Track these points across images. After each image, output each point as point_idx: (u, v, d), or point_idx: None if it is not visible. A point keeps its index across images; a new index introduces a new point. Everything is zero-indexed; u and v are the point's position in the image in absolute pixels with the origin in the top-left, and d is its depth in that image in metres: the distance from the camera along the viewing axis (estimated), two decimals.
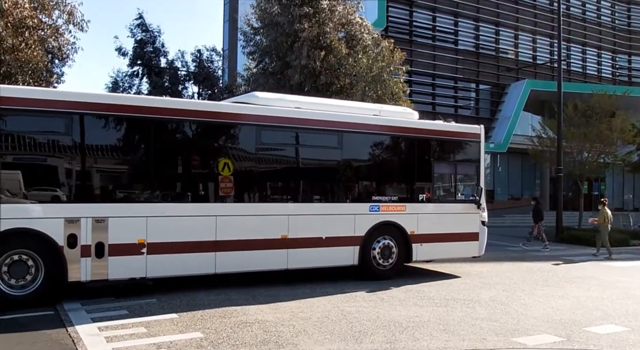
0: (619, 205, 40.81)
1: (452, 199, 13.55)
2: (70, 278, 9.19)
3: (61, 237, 9.07)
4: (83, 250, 9.23)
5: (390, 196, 12.54)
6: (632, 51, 44.92)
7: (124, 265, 9.57)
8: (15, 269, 8.90)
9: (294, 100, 12.27)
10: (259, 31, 22.27)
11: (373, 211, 12.19)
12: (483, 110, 37.76)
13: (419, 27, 35.61)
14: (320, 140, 11.90)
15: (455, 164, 13.63)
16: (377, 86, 20.79)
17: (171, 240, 9.96)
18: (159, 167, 10.25)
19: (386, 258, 12.32)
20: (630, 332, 8.11)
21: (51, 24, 15.11)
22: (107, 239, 9.40)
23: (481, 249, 13.65)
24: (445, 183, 13.66)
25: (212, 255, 10.34)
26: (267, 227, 10.96)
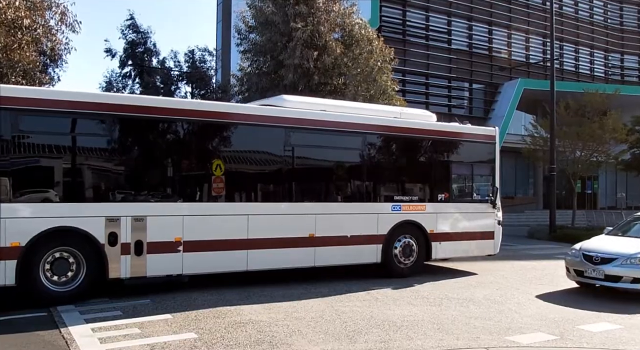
0: (612, 204, 41.01)
1: (469, 198, 13.94)
2: (111, 275, 9.51)
3: (102, 235, 9.40)
4: (123, 248, 9.57)
5: (411, 196, 12.96)
6: (624, 50, 45.11)
7: (161, 263, 9.92)
8: (58, 266, 9.17)
9: (319, 103, 12.68)
10: (253, 29, 22.23)
11: (395, 211, 12.53)
12: (476, 110, 37.86)
13: (413, 26, 35.64)
14: (345, 142, 12.29)
15: (472, 164, 14.01)
16: (369, 85, 20.79)
17: (206, 238, 10.32)
18: (194, 168, 10.71)
19: (407, 256, 12.70)
20: (623, 330, 8.15)
21: (44, 24, 15.03)
22: (145, 237, 9.75)
23: (496, 248, 14.11)
24: (462, 183, 14.07)
25: (245, 253, 10.70)
26: (295, 226, 11.32)
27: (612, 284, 10.68)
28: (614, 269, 10.57)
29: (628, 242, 11.42)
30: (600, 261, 10.83)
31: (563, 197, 34.61)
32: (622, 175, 39.48)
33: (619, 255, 10.72)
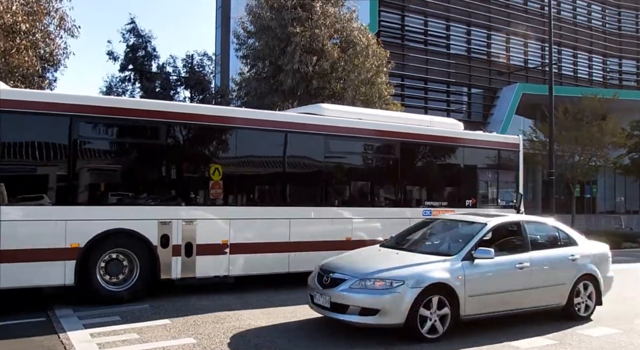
0: (611, 208, 41.04)
1: (494, 204, 14.32)
2: (163, 276, 9.91)
3: (155, 237, 9.79)
4: (174, 250, 9.96)
5: (441, 201, 13.36)
6: (622, 55, 45.23)
7: (209, 264, 10.34)
8: (112, 267, 9.54)
9: (355, 112, 13.24)
10: (252, 35, 22.27)
11: (425, 215, 12.67)
12: (475, 114, 37.94)
13: (411, 31, 35.74)
14: (380, 149, 12.87)
15: (497, 171, 14.50)
16: (367, 89, 20.80)
17: (251, 241, 10.76)
18: (240, 174, 11.13)
19: None
20: (622, 334, 8.14)
21: (42, 29, 15.04)
22: (195, 240, 10.15)
23: None
24: (488, 189, 14.50)
25: (287, 256, 11.11)
26: (333, 230, 11.70)
27: (338, 315, 7.44)
28: (341, 294, 7.41)
29: (393, 257, 8.21)
30: (329, 282, 7.70)
31: (562, 202, 34.63)
32: (621, 179, 39.54)
33: (352, 274, 7.58)
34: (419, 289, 7.24)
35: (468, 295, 7.60)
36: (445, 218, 9.85)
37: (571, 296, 8.81)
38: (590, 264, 9.12)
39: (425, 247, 8.85)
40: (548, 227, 9.43)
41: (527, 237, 8.74)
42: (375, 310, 7.20)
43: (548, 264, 8.65)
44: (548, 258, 8.73)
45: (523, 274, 8.24)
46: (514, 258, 8.34)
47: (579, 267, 8.94)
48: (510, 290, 8.12)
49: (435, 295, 7.39)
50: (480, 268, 7.86)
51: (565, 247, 9.10)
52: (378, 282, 7.31)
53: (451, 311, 7.50)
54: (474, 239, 8.13)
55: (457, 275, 7.59)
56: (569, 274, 8.82)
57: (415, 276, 7.38)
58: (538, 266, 8.44)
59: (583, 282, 8.98)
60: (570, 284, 8.77)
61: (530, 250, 8.56)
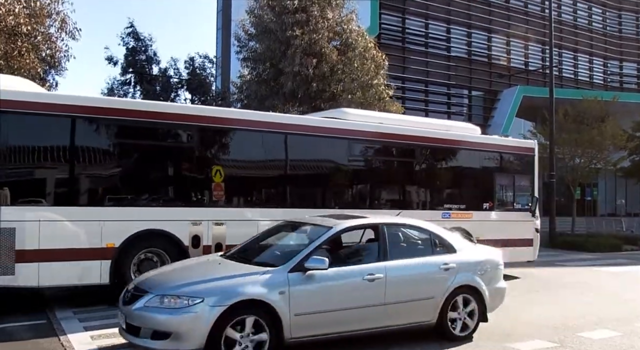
0: (612, 211, 41.02)
1: (510, 207, 14.61)
2: None
3: (187, 237, 10.07)
4: (204, 250, 10.16)
5: (459, 204, 13.60)
6: (623, 57, 45.25)
7: None
8: (145, 267, 9.65)
9: (375, 116, 13.69)
10: (253, 37, 22.30)
11: (445, 218, 13.10)
12: (476, 117, 37.93)
13: (412, 34, 35.77)
14: (401, 153, 13.18)
15: (513, 175, 14.77)
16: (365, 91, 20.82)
17: None
18: (267, 177, 11.53)
19: None
20: (622, 337, 8.14)
21: (43, 32, 15.06)
22: (224, 240, 10.37)
23: (535, 254, 14.75)
24: (504, 193, 14.79)
25: None
26: None
27: (132, 338, 6.27)
28: (134, 313, 6.24)
29: (214, 268, 7.08)
30: (129, 299, 6.52)
31: (562, 204, 34.62)
32: (621, 182, 39.53)
33: (153, 289, 6.38)
34: (223, 307, 6.00)
35: (294, 314, 6.36)
36: (296, 221, 8.55)
37: (444, 312, 7.47)
38: (471, 274, 7.74)
39: (261, 256, 7.45)
40: (418, 232, 8.11)
41: (385, 244, 7.38)
42: (167, 333, 5.99)
43: (410, 274, 7.32)
44: (410, 268, 7.38)
45: (374, 287, 6.94)
46: (363, 268, 7.04)
47: (455, 278, 7.56)
48: (355, 306, 6.80)
49: (249, 315, 6.15)
50: (314, 281, 6.59)
51: (438, 255, 7.73)
52: (174, 299, 6.08)
53: (271, 334, 6.25)
54: (310, 246, 6.88)
55: (279, 289, 6.33)
56: (440, 286, 7.46)
57: (219, 292, 6.12)
58: (395, 278, 7.12)
59: (462, 296, 7.63)
60: (441, 298, 7.43)
61: (387, 259, 7.22)
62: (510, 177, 14.71)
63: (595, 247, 21.79)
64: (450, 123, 15.40)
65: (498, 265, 8.23)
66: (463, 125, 15.54)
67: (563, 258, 19.17)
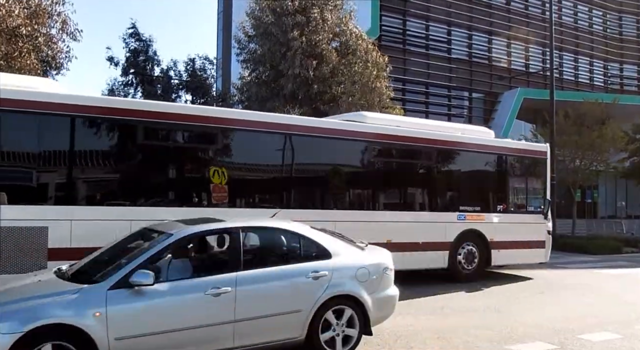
0: (612, 213, 41.00)
1: (523, 209, 14.85)
2: None
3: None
4: None
5: (474, 206, 13.74)
6: (623, 59, 45.26)
7: None
8: None
9: (393, 119, 13.92)
10: (253, 39, 22.31)
11: (460, 220, 13.34)
12: (476, 119, 37.93)
13: (412, 36, 35.80)
14: (418, 156, 13.32)
15: (526, 178, 15.07)
16: (366, 93, 20.84)
17: None
18: (289, 178, 11.52)
19: (470, 262, 13.48)
20: (623, 340, 8.12)
21: (45, 33, 15.07)
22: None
23: (547, 256, 14.95)
24: (517, 195, 15.03)
25: None
26: (375, 232, 11.77)
27: None
28: None
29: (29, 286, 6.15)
30: None
31: (563, 206, 34.60)
32: (622, 184, 39.52)
33: None
34: (18, 334, 5.04)
35: (115, 338, 5.44)
36: (149, 227, 7.25)
37: (314, 326, 6.52)
38: (349, 281, 6.77)
39: (91, 270, 6.29)
40: (285, 236, 7.13)
41: (239, 251, 6.45)
42: None
43: (268, 286, 6.34)
44: (269, 278, 6.39)
45: (221, 302, 6.02)
46: (207, 281, 6.08)
47: (327, 287, 6.58)
48: (195, 326, 5.88)
49: (51, 341, 5.21)
50: (143, 298, 5.68)
51: (307, 262, 6.73)
52: None
53: None
54: (140, 258, 5.95)
55: (94, 310, 5.42)
56: (308, 297, 6.48)
57: (18, 316, 5.18)
58: (249, 290, 6.18)
59: (338, 307, 6.69)
60: (310, 311, 6.45)
61: (241, 268, 6.27)
62: (523, 179, 15.01)
63: (596, 249, 21.77)
64: (464, 126, 15.68)
65: (385, 270, 7.22)
66: (477, 128, 15.74)
67: (564, 260, 19.15)
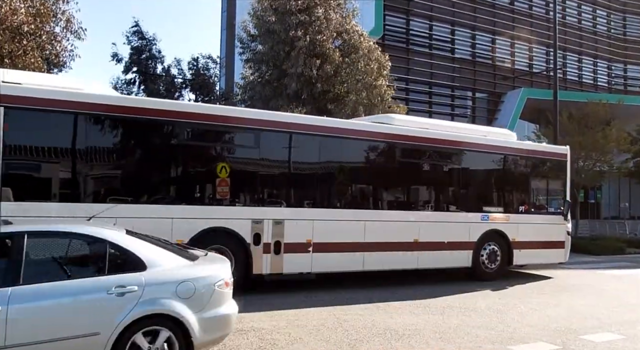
0: (615, 214, 40.90)
1: (543, 210, 15.25)
2: (255, 271, 10.77)
3: (249, 235, 10.69)
4: (265, 248, 10.84)
5: (497, 207, 14.24)
6: (627, 60, 45.15)
7: (295, 261, 11.18)
8: None
9: (420, 122, 14.32)
10: (256, 38, 22.31)
11: (484, 220, 13.76)
12: (480, 119, 37.86)
13: (416, 35, 35.75)
14: (444, 158, 13.68)
15: (547, 179, 15.56)
16: (369, 92, 20.84)
17: (331, 240, 11.53)
18: (322, 179, 12.11)
19: (492, 262, 13.88)
20: (625, 340, 8.12)
21: (48, 31, 15.08)
22: (283, 238, 11.02)
23: (566, 256, 15.35)
24: (538, 196, 15.46)
25: (361, 255, 11.90)
26: (403, 231, 12.50)
27: None
28: None
29: None
30: None
31: None
32: (625, 185, 39.41)
33: None
34: None
35: None
36: None
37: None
38: (167, 297, 5.66)
39: None
40: (84, 243, 5.88)
41: (19, 262, 5.31)
42: None
43: (54, 304, 5.23)
44: (57, 293, 5.29)
45: None
46: None
47: (138, 304, 5.50)
48: None
49: None
50: None
51: (111, 274, 5.62)
52: None
53: None
54: None
55: None
56: (109, 317, 5.40)
57: None
58: (27, 310, 5.13)
59: (152, 329, 5.60)
60: (111, 334, 5.37)
61: (19, 282, 5.20)
62: (543, 181, 15.46)
63: (599, 249, 21.74)
64: (487, 128, 16.27)
65: (217, 285, 6.03)
66: (500, 130, 16.05)
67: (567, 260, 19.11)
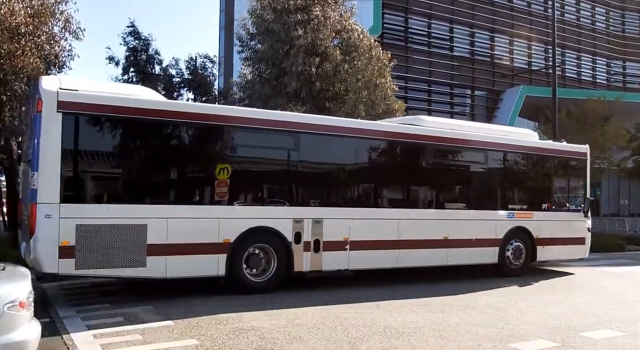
0: (615, 211, 40.93)
1: (565, 208, 15.65)
2: (296, 269, 11.17)
3: (290, 234, 11.09)
4: (305, 246, 11.24)
5: (521, 205, 14.68)
6: (626, 57, 45.18)
7: (333, 259, 11.58)
8: (252, 261, 10.83)
9: (448, 123, 14.96)
10: (255, 37, 22.27)
11: (509, 218, 14.22)
12: (479, 116, 37.91)
13: (415, 33, 35.76)
14: (471, 158, 14.11)
15: (568, 178, 16.03)
16: (370, 91, 20.82)
17: (367, 238, 11.95)
18: (359, 180, 12.71)
19: (517, 258, 14.34)
20: (625, 337, 8.12)
21: (47, 31, 15.05)
22: (322, 237, 11.40)
23: (586, 252, 15.78)
24: (560, 194, 15.86)
25: (395, 252, 12.32)
26: (434, 229, 12.94)
27: None
28: None
29: None
30: None
31: None
32: (624, 182, 39.44)
33: None
34: None
35: None
36: None
37: None
38: None
39: None
40: None
41: None
42: None
43: None
44: None
45: None
46: None
47: None
48: None
49: None
50: None
51: None
52: None
53: None
54: None
55: None
56: None
57: None
58: None
59: None
60: None
61: None
62: (565, 179, 15.93)
63: (598, 247, 21.71)
64: (511, 129, 17.00)
65: (5, 306, 5.11)
66: (523, 130, 16.61)
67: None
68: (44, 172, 9.03)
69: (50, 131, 9.05)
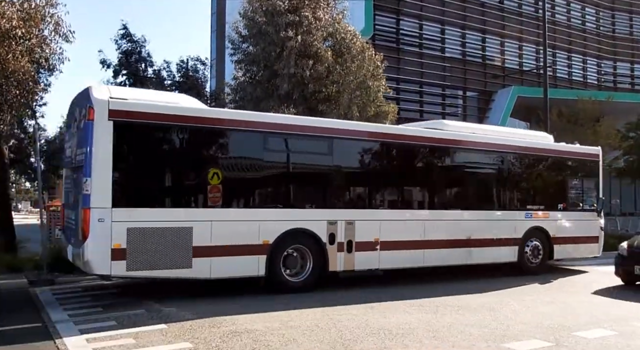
0: (607, 210, 41.05)
1: (579, 208, 16.22)
2: (330, 268, 11.59)
3: (325, 235, 11.52)
4: (339, 246, 11.69)
5: (538, 205, 15.16)
6: (616, 57, 45.43)
7: (365, 259, 12.05)
8: (289, 261, 11.22)
9: (468, 127, 15.29)
10: (246, 39, 22.25)
11: (527, 218, 14.82)
12: (470, 117, 38.02)
13: (406, 35, 35.84)
14: (491, 160, 14.61)
15: (582, 178, 16.44)
16: (362, 92, 20.85)
17: (396, 239, 12.43)
18: (388, 183, 13.04)
19: (535, 256, 14.89)
20: (618, 336, 8.14)
21: (38, 34, 14.98)
22: (354, 237, 11.86)
23: (600, 250, 16.30)
24: (574, 195, 16.32)
25: (422, 252, 12.83)
26: (458, 230, 13.47)
27: None
28: None
29: None
30: None
31: None
32: (616, 181, 39.58)
33: None
34: None
35: None
36: None
37: None
38: None
39: None
40: None
41: None
42: None
43: None
44: None
45: None
46: None
47: None
48: None
49: None
50: None
51: None
52: None
53: None
54: None
55: None
56: None
57: None
58: None
59: None
60: None
61: None
62: (579, 180, 16.35)
63: None
64: (527, 132, 17.61)
65: None
66: (537, 133, 17.16)
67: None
68: (96, 178, 9.33)
69: (101, 138, 9.39)
